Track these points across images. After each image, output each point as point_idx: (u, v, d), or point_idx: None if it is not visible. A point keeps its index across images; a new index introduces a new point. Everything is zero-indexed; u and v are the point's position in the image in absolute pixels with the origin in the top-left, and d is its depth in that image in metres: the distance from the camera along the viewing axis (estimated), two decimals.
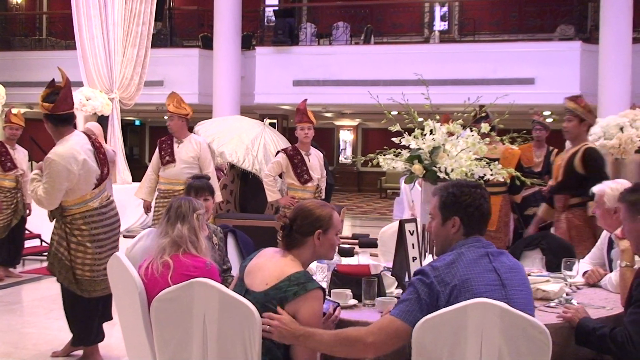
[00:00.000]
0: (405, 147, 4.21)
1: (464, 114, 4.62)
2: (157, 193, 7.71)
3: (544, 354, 2.85)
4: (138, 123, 28.58)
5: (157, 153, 7.71)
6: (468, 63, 15.76)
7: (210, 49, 16.97)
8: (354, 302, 3.62)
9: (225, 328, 3.13)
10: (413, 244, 3.93)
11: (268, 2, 20.09)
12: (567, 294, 3.79)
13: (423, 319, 2.86)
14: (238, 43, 16.84)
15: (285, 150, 7.94)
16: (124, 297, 3.80)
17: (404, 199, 10.82)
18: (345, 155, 28.05)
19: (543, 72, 15.39)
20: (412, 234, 3.95)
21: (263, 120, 10.85)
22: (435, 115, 4.31)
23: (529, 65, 15.45)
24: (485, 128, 4.38)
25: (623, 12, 14.18)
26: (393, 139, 4.27)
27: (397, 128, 4.30)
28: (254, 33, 18.99)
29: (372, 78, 15.76)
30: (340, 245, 4.44)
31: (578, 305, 3.40)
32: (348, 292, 3.63)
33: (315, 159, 7.92)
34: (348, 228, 14.42)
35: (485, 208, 3.13)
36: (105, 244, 5.38)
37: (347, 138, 28.50)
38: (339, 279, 3.78)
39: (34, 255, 10.08)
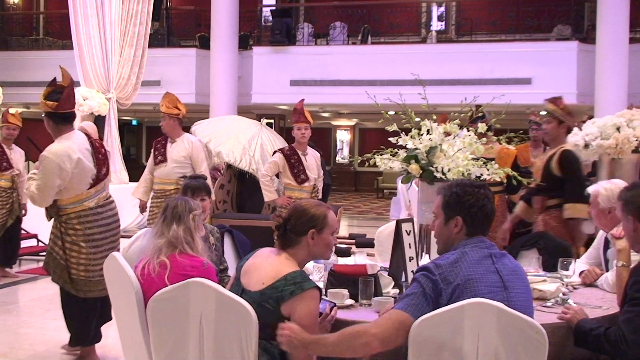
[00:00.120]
0: (402, 147, 4.21)
1: (461, 114, 4.63)
2: (152, 193, 7.72)
3: (541, 354, 2.85)
4: (135, 123, 28.57)
5: (152, 153, 7.73)
6: (465, 63, 15.77)
7: (208, 49, 16.96)
8: (351, 302, 3.61)
9: (222, 328, 3.12)
10: (410, 244, 3.93)
11: (265, 2, 20.06)
12: (563, 294, 3.79)
13: (420, 319, 2.86)
14: (235, 43, 16.84)
15: (282, 150, 7.94)
16: (121, 297, 3.80)
17: (401, 199, 10.84)
18: (343, 155, 28.05)
19: (540, 72, 15.39)
20: (408, 234, 3.94)
21: (260, 120, 10.86)
22: (432, 115, 4.31)
23: (526, 65, 15.46)
24: (482, 128, 4.38)
25: (620, 12, 14.20)
26: (390, 139, 4.27)
27: (394, 128, 4.29)
28: (251, 33, 18.98)
29: (369, 78, 15.77)
30: (337, 245, 4.45)
31: (577, 307, 3.40)
32: (345, 292, 3.62)
33: (312, 159, 7.92)
34: (345, 228, 14.41)
35: (489, 208, 3.11)
36: (101, 244, 5.35)
37: (344, 138, 28.50)
38: (336, 279, 3.78)
39: (31, 256, 10.07)
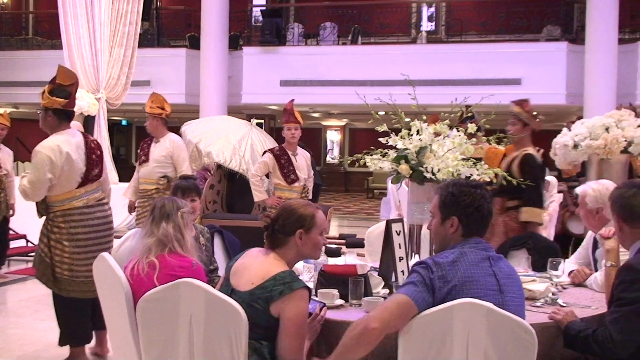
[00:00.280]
0: (392, 147, 4.21)
1: (451, 115, 4.63)
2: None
3: (530, 354, 2.86)
4: (125, 123, 28.49)
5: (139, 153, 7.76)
6: (455, 63, 15.81)
7: (198, 49, 16.94)
8: (341, 302, 3.61)
9: (212, 328, 3.12)
10: (400, 244, 3.93)
11: (255, 2, 20.06)
12: (552, 294, 3.80)
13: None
14: (225, 43, 16.82)
15: (272, 150, 7.94)
16: (110, 297, 3.79)
17: (391, 199, 10.82)
18: (333, 156, 28.05)
19: (530, 72, 15.45)
20: (398, 234, 3.95)
21: (250, 121, 10.84)
22: (422, 116, 4.32)
23: (516, 66, 15.51)
24: (472, 128, 4.39)
25: (609, 13, 14.27)
26: (380, 139, 4.28)
27: (384, 128, 4.29)
28: (241, 33, 18.97)
29: (359, 78, 15.78)
30: (327, 246, 4.45)
31: (568, 309, 3.41)
32: (335, 292, 3.62)
33: (302, 159, 7.92)
34: (335, 228, 14.42)
35: (486, 209, 3.10)
36: (86, 245, 5.34)
37: (334, 138, 28.51)
38: (326, 279, 3.78)
39: (20, 256, 10.03)
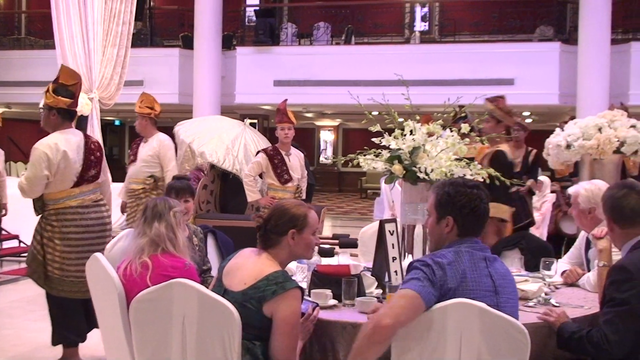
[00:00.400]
0: (386, 147, 4.21)
1: (444, 115, 4.63)
2: None
3: (523, 354, 2.86)
4: (118, 123, 28.45)
5: None
6: (448, 64, 15.82)
7: (191, 49, 16.91)
8: (334, 302, 3.61)
9: (205, 328, 3.12)
10: (393, 244, 3.93)
11: (249, 2, 20.04)
12: (545, 294, 3.81)
13: None
14: (219, 43, 16.80)
15: (266, 150, 7.94)
16: (103, 298, 3.78)
17: (384, 199, 10.85)
18: (326, 156, 28.06)
19: (523, 72, 15.47)
20: (392, 234, 3.95)
21: (243, 120, 10.83)
22: (415, 116, 4.32)
23: (509, 66, 15.53)
24: (465, 128, 4.39)
25: (601, 13, 14.30)
26: (373, 139, 4.28)
27: (377, 128, 4.29)
28: (235, 33, 18.94)
29: (352, 78, 15.77)
30: (321, 246, 4.44)
31: (560, 310, 3.40)
32: (328, 292, 3.62)
33: (296, 159, 7.92)
34: (328, 228, 14.41)
35: (482, 209, 3.08)
36: (77, 245, 5.33)
37: (327, 138, 28.53)
38: (319, 279, 3.78)
39: (12, 257, 10.00)
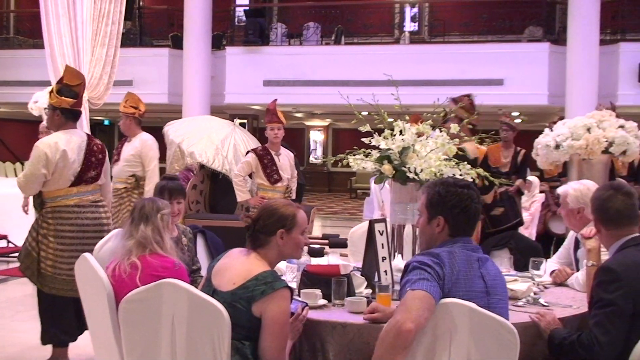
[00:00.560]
0: (375, 147, 4.22)
1: (434, 115, 4.64)
2: None
3: (512, 353, 2.87)
4: (107, 123, 28.35)
5: None
6: (438, 64, 15.84)
7: (180, 49, 16.87)
8: (324, 302, 3.61)
9: (194, 329, 3.11)
10: (382, 244, 3.94)
11: (238, 2, 20.02)
12: (534, 293, 3.82)
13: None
14: (208, 43, 16.78)
15: (255, 150, 7.93)
16: (92, 298, 3.77)
17: (374, 199, 10.83)
18: (316, 156, 28.06)
19: (512, 73, 15.51)
20: (381, 234, 3.95)
21: (233, 121, 10.81)
22: (405, 116, 4.32)
23: (498, 66, 15.56)
24: (455, 129, 4.40)
25: (590, 14, 14.35)
26: (363, 139, 4.28)
27: (367, 128, 4.30)
28: (225, 33, 18.91)
29: (342, 78, 15.76)
30: (311, 246, 4.44)
31: (551, 317, 3.38)
32: (318, 292, 3.62)
33: (286, 159, 7.92)
34: (318, 228, 14.42)
35: (473, 209, 3.08)
36: (71, 243, 5.35)
37: (317, 138, 28.53)
38: (309, 279, 3.78)
39: (0, 257, 9.96)
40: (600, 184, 4.12)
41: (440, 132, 4.27)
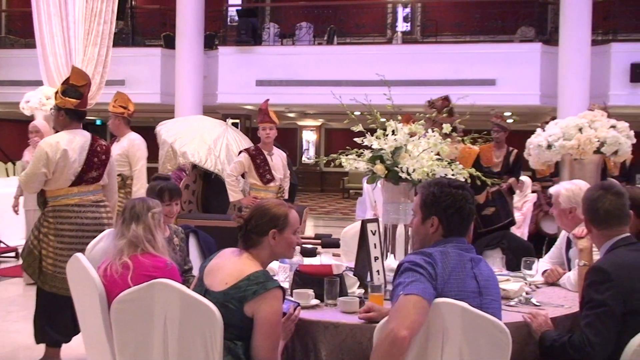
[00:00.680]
0: (368, 147, 4.22)
1: (426, 115, 4.65)
2: None
3: (504, 353, 2.87)
4: (99, 123, 28.26)
5: None
6: (430, 64, 15.83)
7: (173, 49, 16.83)
8: (316, 302, 3.61)
9: (187, 329, 3.11)
10: (375, 244, 3.94)
11: (231, 1, 19.98)
12: (526, 293, 3.83)
13: (385, 319, 2.88)
14: (201, 42, 16.74)
15: (248, 150, 7.93)
16: (84, 298, 3.76)
17: (367, 199, 10.83)
18: (308, 156, 28.05)
19: (504, 73, 15.52)
20: (374, 234, 3.95)
21: (226, 120, 10.80)
22: (397, 116, 4.33)
23: (490, 67, 15.57)
24: (447, 129, 4.40)
25: (582, 14, 14.37)
26: (356, 139, 4.28)
27: (359, 128, 4.30)
28: (217, 33, 18.88)
29: (335, 78, 15.74)
30: (303, 246, 4.44)
31: (543, 319, 3.38)
32: (310, 292, 3.62)
33: (278, 159, 7.92)
34: (311, 228, 14.41)
35: (467, 210, 3.07)
36: (71, 242, 5.35)
37: (310, 138, 28.52)
38: (301, 279, 3.78)
39: None
40: (592, 184, 4.13)
41: (433, 132, 4.28)
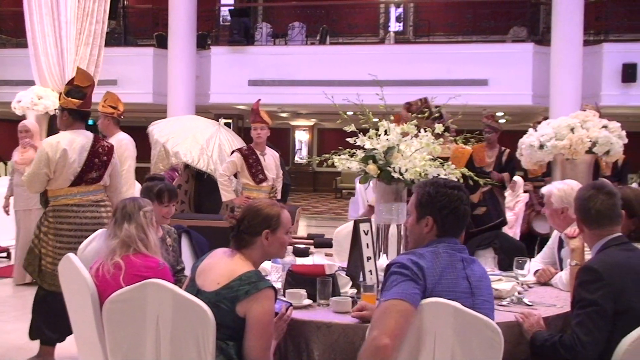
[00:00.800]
0: (360, 147, 4.22)
1: (418, 115, 4.65)
2: None
3: (496, 352, 2.88)
4: (91, 123, 28.17)
5: None
6: (422, 64, 15.84)
7: (165, 48, 16.80)
8: (309, 302, 3.61)
9: (179, 329, 3.10)
10: (367, 244, 3.94)
11: (223, 1, 19.96)
12: (518, 293, 3.84)
13: None
14: (193, 42, 16.72)
15: (240, 150, 7.92)
16: (76, 298, 3.75)
17: (359, 199, 10.86)
18: (301, 155, 28.05)
19: (496, 73, 15.54)
20: (366, 234, 3.95)
21: (218, 120, 10.79)
22: (390, 116, 4.33)
23: (483, 67, 15.59)
24: (439, 129, 4.41)
25: (574, 14, 14.41)
26: (348, 139, 4.28)
27: (352, 128, 4.30)
28: (209, 32, 18.86)
29: (327, 78, 15.73)
30: (296, 245, 4.44)
31: (535, 319, 3.39)
32: (303, 292, 3.62)
33: (271, 159, 7.92)
34: (303, 228, 14.41)
35: (462, 211, 3.07)
36: (69, 242, 5.35)
37: (302, 138, 28.51)
38: (294, 279, 3.78)
39: None
40: (584, 184, 4.14)
41: (425, 132, 4.28)
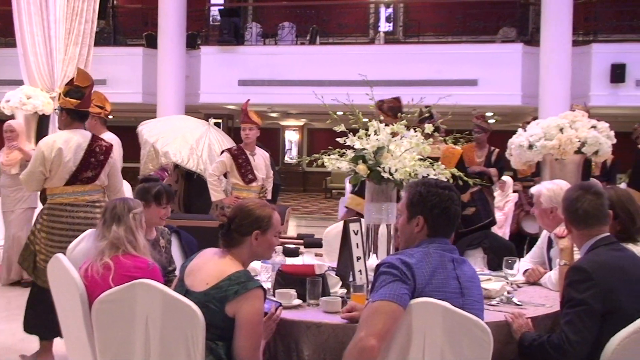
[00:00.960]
0: (350, 147, 4.22)
1: (409, 115, 4.66)
2: None
3: (486, 352, 2.89)
4: None
5: None
6: (412, 64, 15.87)
7: (155, 48, 16.77)
8: (299, 302, 3.61)
9: (168, 329, 3.10)
10: (357, 244, 3.94)
11: (213, 1, 19.94)
12: (508, 292, 3.85)
13: None
14: (183, 42, 16.69)
15: (230, 150, 7.91)
16: (65, 299, 3.74)
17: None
18: (291, 155, 28.05)
19: (485, 73, 15.58)
20: (356, 234, 3.96)
21: (208, 120, 10.78)
22: (380, 116, 4.33)
23: (472, 67, 15.63)
24: (429, 129, 4.42)
25: (563, 15, 14.46)
26: (338, 139, 4.28)
27: (342, 128, 4.30)
28: (199, 32, 18.83)
29: (317, 78, 15.74)
30: (285, 245, 4.44)
31: (524, 321, 3.38)
32: (292, 292, 3.62)
33: (261, 159, 7.91)
34: (293, 228, 14.40)
35: (453, 211, 3.08)
36: (60, 240, 5.33)
37: (292, 138, 28.51)
38: (284, 279, 3.78)
39: None
40: (573, 184, 4.16)
41: (415, 132, 4.28)
